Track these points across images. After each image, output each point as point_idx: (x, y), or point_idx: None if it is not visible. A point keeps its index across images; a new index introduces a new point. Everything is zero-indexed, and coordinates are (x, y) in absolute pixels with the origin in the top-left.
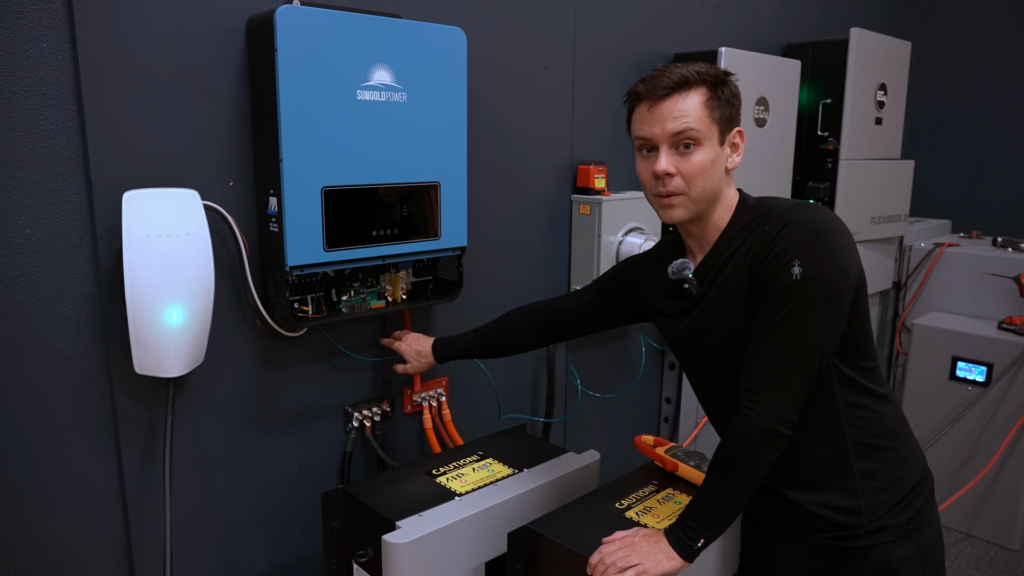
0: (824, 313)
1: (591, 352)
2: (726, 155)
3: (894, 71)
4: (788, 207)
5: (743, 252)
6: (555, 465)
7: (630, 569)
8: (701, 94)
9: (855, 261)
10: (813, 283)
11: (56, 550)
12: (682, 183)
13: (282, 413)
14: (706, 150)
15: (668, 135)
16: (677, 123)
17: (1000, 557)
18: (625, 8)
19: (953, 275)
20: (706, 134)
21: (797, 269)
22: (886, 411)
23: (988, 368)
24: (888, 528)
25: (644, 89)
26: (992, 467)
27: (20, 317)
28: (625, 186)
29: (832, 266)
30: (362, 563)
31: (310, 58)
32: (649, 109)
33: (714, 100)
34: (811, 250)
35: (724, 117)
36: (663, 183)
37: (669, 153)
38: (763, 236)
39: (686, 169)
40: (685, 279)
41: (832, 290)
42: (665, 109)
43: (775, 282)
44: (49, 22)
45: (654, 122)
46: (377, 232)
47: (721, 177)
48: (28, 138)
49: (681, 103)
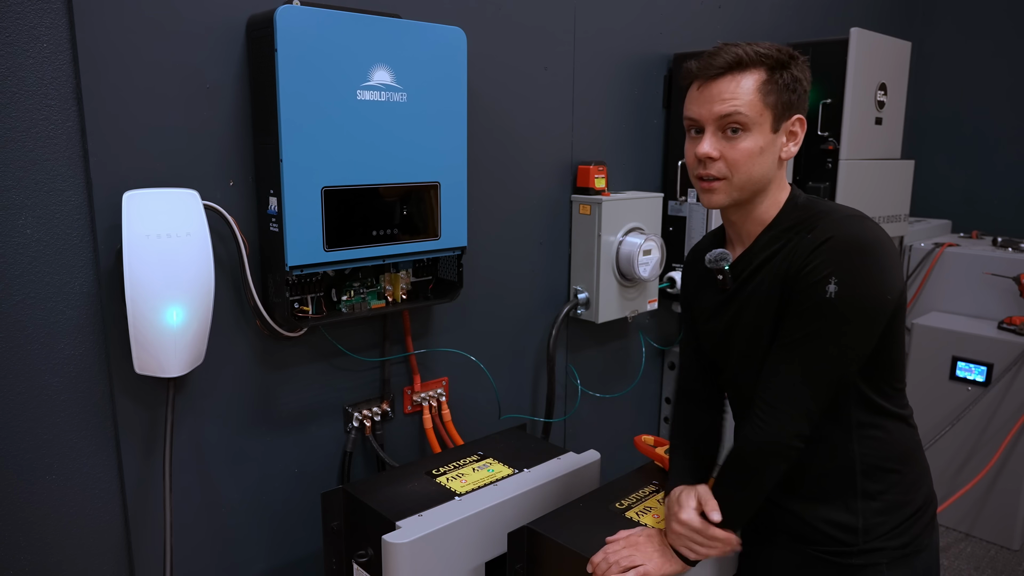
0: (854, 336)
1: (591, 352)
2: (780, 144)
3: (894, 71)
4: (838, 218)
5: (782, 256)
6: (555, 465)
7: (633, 570)
8: (756, 77)
9: (896, 284)
10: (847, 304)
11: (56, 550)
12: (725, 168)
13: (282, 413)
14: (755, 136)
15: (714, 117)
16: (725, 105)
17: (1000, 557)
18: (625, 8)
19: (953, 275)
20: (756, 120)
21: (833, 287)
22: (901, 434)
23: (988, 368)
24: (883, 550)
25: (697, 67)
26: (992, 467)
27: (20, 317)
28: (625, 186)
29: (870, 288)
30: (362, 563)
31: (310, 58)
32: (699, 89)
33: (770, 84)
34: (851, 269)
35: (781, 103)
36: (704, 165)
37: (715, 136)
38: (804, 244)
39: (731, 154)
40: (721, 270)
41: (866, 313)
42: (715, 90)
43: (808, 296)
44: (49, 22)
45: (702, 103)
46: (377, 232)
47: (771, 166)
48: (28, 138)
49: (732, 85)
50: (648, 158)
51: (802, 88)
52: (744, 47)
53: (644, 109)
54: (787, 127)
